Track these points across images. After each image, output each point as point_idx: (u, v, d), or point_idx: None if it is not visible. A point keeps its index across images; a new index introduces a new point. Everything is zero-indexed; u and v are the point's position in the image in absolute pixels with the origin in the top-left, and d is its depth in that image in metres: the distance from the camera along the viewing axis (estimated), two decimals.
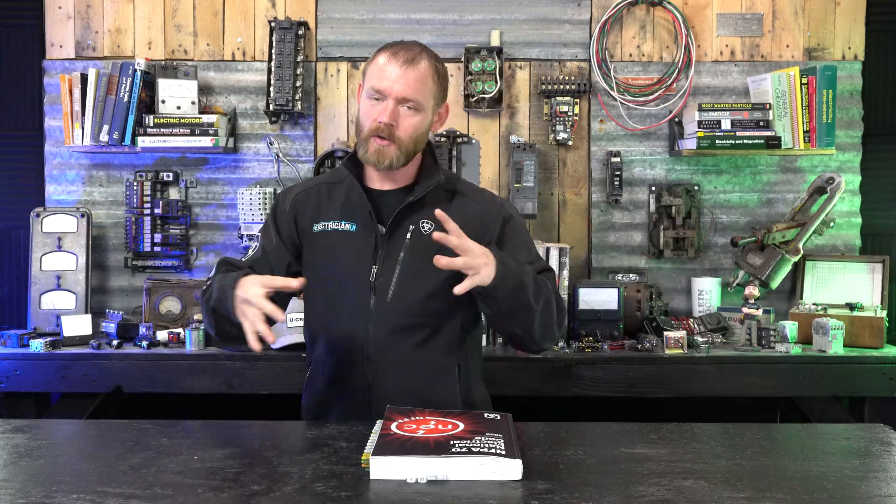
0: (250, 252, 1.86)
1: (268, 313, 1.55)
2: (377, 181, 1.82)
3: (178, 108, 3.00)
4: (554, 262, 2.79)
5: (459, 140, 3.02)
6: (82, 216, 2.96)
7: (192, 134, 2.94)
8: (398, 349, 1.75)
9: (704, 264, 3.14)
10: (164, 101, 3.00)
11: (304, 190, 1.88)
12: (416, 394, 1.70)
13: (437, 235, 1.56)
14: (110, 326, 2.78)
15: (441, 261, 1.54)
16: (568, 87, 3.07)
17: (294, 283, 1.61)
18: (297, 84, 2.99)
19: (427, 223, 1.76)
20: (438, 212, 1.58)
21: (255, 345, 1.57)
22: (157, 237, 3.06)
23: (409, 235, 1.75)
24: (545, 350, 1.91)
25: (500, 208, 1.83)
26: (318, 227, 1.81)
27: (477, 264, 1.56)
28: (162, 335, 2.73)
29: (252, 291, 1.58)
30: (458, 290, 1.55)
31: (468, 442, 1.30)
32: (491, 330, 2.71)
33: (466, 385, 1.82)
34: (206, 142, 2.94)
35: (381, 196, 1.80)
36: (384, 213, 1.78)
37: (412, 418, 1.44)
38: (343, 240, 1.78)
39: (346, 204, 1.81)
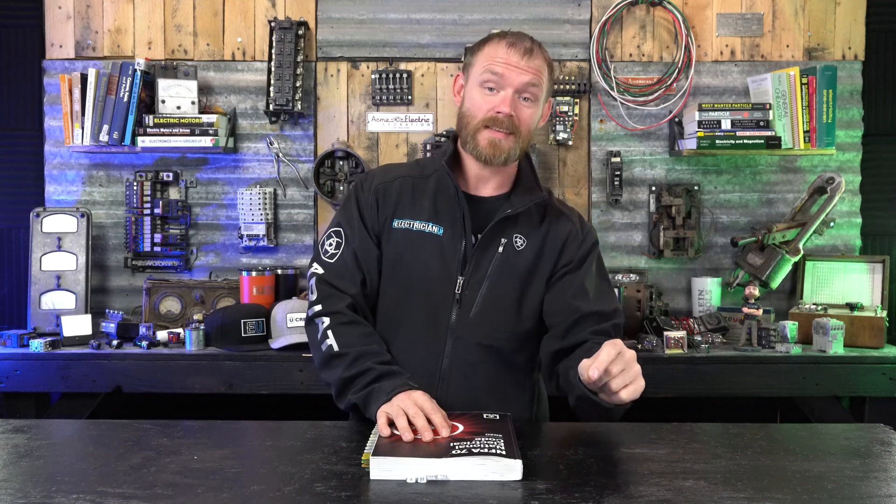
0: (331, 249, 1.68)
1: (435, 426, 1.37)
2: (473, 184, 1.70)
3: (178, 108, 3.00)
4: None
5: None
6: (82, 216, 2.95)
7: (192, 134, 2.94)
8: (476, 368, 1.64)
9: (704, 264, 3.14)
10: (164, 101, 3.00)
11: (385, 182, 1.71)
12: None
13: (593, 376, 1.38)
14: (110, 326, 2.78)
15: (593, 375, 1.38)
16: (568, 87, 3.07)
17: (445, 432, 1.37)
18: (297, 84, 2.98)
19: (519, 238, 1.66)
20: (592, 373, 1.39)
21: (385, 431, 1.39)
22: (157, 237, 3.06)
23: (500, 249, 1.64)
24: None
25: (589, 232, 1.73)
26: (399, 223, 1.67)
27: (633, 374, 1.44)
28: (162, 335, 2.73)
29: (429, 407, 1.42)
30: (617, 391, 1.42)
31: (468, 442, 1.29)
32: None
33: (538, 405, 1.76)
34: (206, 142, 2.94)
35: (475, 202, 1.68)
36: (476, 221, 1.65)
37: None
38: (427, 243, 1.65)
39: (435, 203, 1.67)
